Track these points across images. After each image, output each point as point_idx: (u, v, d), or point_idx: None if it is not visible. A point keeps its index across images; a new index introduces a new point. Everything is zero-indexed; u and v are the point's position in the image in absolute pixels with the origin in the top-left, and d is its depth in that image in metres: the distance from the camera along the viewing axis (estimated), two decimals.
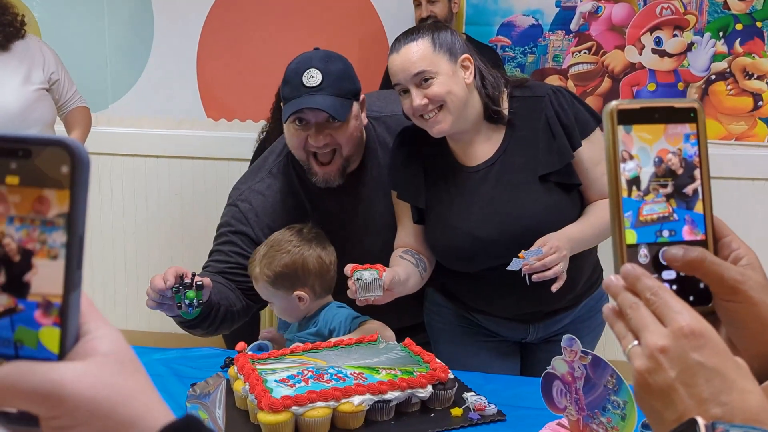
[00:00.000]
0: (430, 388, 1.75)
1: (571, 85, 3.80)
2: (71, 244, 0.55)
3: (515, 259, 1.83)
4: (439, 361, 1.85)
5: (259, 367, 1.79)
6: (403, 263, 2.03)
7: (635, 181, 0.72)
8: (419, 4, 3.56)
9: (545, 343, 2.18)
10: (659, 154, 0.72)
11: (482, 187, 2.01)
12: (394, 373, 1.78)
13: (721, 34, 3.72)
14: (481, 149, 2.03)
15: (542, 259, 1.81)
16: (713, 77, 3.75)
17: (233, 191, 2.28)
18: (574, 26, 3.78)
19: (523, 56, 3.82)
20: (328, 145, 2.06)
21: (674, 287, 0.72)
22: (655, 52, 3.76)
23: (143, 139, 4.09)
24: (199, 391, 1.54)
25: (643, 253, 0.72)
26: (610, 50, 3.79)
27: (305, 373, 1.75)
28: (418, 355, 1.89)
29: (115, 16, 4.03)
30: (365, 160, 2.20)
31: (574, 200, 2.02)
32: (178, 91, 4.06)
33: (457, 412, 1.75)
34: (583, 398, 1.51)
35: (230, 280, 2.16)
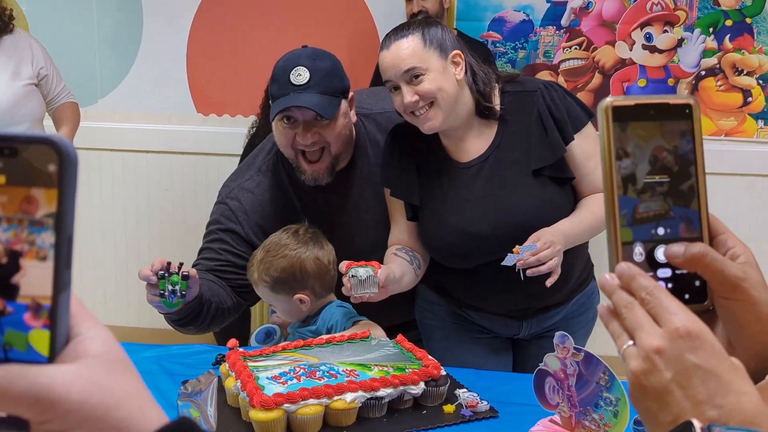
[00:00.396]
0: (422, 384, 1.75)
1: (561, 80, 3.80)
2: (60, 244, 0.54)
3: (510, 254, 1.82)
4: (431, 357, 1.84)
5: (250, 364, 1.78)
6: (397, 261, 2.02)
7: (630, 178, 0.71)
8: None
9: (537, 339, 2.18)
10: (654, 151, 0.72)
11: (475, 182, 2.01)
12: (386, 370, 1.77)
13: (711, 30, 3.72)
14: (473, 145, 2.03)
15: (537, 254, 1.81)
16: (703, 73, 3.76)
17: (223, 189, 2.27)
18: (564, 22, 3.78)
19: (513, 52, 3.82)
20: (316, 143, 2.06)
21: (669, 285, 0.71)
22: (645, 47, 3.77)
23: (132, 134, 4.07)
24: (190, 388, 1.54)
25: (638, 251, 0.72)
26: (600, 46, 3.79)
27: (297, 370, 1.75)
28: (410, 351, 1.89)
29: (104, 9, 4.00)
30: (355, 157, 2.20)
31: (567, 194, 2.02)
32: (167, 86, 4.04)
33: (449, 408, 1.75)
34: (575, 395, 1.51)
35: (220, 277, 2.16)
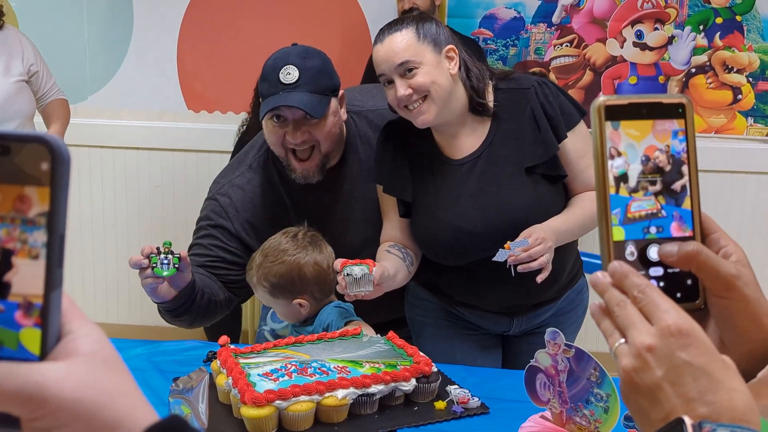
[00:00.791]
0: (413, 381, 1.75)
1: (552, 77, 3.80)
2: (52, 243, 0.55)
3: (501, 250, 1.83)
4: (422, 354, 1.85)
5: (242, 361, 1.78)
6: (390, 258, 2.03)
7: (623, 177, 0.71)
8: None
9: (527, 335, 2.19)
10: (647, 150, 0.72)
11: (468, 179, 2.01)
12: (377, 366, 1.78)
13: (701, 27, 3.74)
14: (466, 142, 2.03)
15: (528, 250, 1.81)
16: (693, 70, 3.77)
17: (213, 185, 2.27)
18: (555, 19, 3.79)
19: (505, 49, 3.82)
20: (306, 141, 2.06)
21: (661, 284, 0.71)
22: (636, 45, 3.78)
23: (123, 131, 4.05)
24: (181, 385, 1.53)
25: (630, 250, 0.72)
26: (591, 43, 3.80)
27: (289, 367, 1.75)
28: (401, 348, 1.89)
29: (94, 6, 3.98)
30: (345, 155, 2.20)
31: (559, 192, 2.02)
32: (158, 82, 4.02)
33: (440, 405, 1.76)
34: (566, 391, 1.52)
35: (211, 273, 2.15)
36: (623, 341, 0.68)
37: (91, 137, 3.99)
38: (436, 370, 1.81)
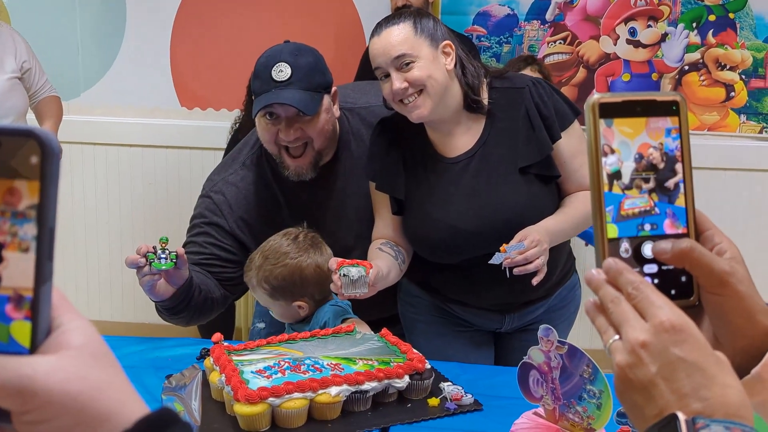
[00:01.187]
0: (407, 378, 1.75)
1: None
2: (42, 236, 0.54)
3: (497, 253, 1.83)
4: (416, 351, 1.85)
5: (235, 358, 1.78)
6: (382, 256, 2.02)
7: (616, 175, 0.72)
8: None
9: (519, 332, 2.19)
10: (640, 148, 0.72)
11: (462, 178, 2.01)
12: (371, 363, 1.77)
13: (694, 25, 3.74)
14: (461, 140, 2.03)
15: (524, 253, 1.81)
16: (686, 68, 3.78)
17: (207, 183, 2.27)
18: (549, 16, 3.79)
19: (498, 46, 3.82)
20: (299, 139, 2.06)
21: (656, 281, 0.72)
22: (629, 42, 3.78)
23: (116, 127, 4.04)
24: (174, 383, 1.53)
25: (624, 247, 0.72)
26: (585, 40, 3.80)
27: (282, 364, 1.75)
28: (395, 345, 1.89)
29: (86, 2, 3.96)
30: (338, 152, 2.20)
31: (552, 192, 2.02)
32: (151, 79, 4.01)
33: (434, 402, 1.76)
34: (559, 387, 1.52)
35: (206, 271, 2.15)
36: (617, 338, 0.68)
37: (83, 134, 3.98)
38: (429, 367, 1.81)
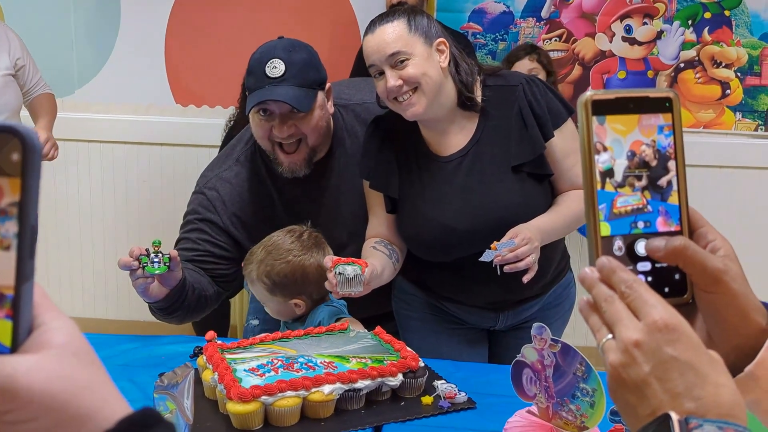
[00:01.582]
0: (400, 376, 1.75)
1: None
2: (23, 234, 0.54)
3: (488, 250, 1.82)
4: (409, 349, 1.84)
5: (228, 356, 1.77)
6: (377, 254, 2.02)
7: (609, 172, 0.71)
8: None
9: (513, 330, 2.19)
10: (633, 146, 0.71)
11: (455, 177, 2.01)
12: (364, 361, 1.77)
13: (690, 22, 3.74)
14: (454, 139, 2.02)
15: (514, 250, 1.80)
16: (682, 65, 3.78)
17: (200, 179, 2.26)
18: (545, 13, 3.78)
19: (494, 43, 3.82)
20: (292, 135, 2.05)
21: (649, 279, 0.71)
22: (625, 39, 3.78)
23: (110, 125, 4.03)
24: (167, 381, 1.52)
25: (617, 245, 0.71)
26: (580, 38, 3.80)
27: (275, 362, 1.74)
28: (388, 343, 1.88)
29: None
30: (333, 148, 2.19)
31: (546, 190, 2.02)
32: (146, 76, 3.99)
33: (427, 400, 1.75)
34: (552, 386, 1.51)
35: (200, 267, 2.14)
36: (611, 337, 0.67)
37: (78, 131, 3.96)
38: (422, 365, 1.80)
